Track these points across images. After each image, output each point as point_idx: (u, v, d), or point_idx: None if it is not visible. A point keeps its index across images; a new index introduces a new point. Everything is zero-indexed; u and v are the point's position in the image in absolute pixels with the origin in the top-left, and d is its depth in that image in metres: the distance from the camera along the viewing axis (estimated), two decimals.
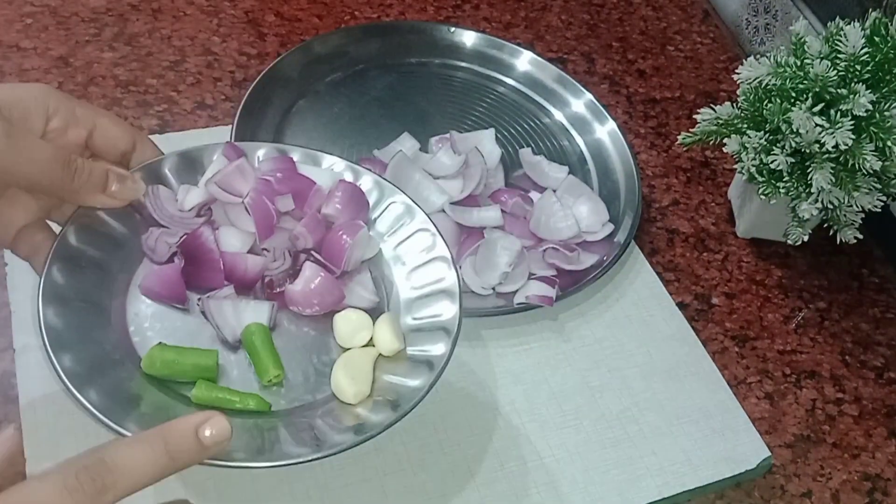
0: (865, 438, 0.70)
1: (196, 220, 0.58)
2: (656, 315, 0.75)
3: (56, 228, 0.55)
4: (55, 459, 0.57)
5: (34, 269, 0.54)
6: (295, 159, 0.61)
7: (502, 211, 0.75)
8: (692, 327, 0.74)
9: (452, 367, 0.67)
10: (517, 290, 0.72)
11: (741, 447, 0.67)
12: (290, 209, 0.59)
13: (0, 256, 0.67)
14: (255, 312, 0.55)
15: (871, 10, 0.72)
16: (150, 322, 0.55)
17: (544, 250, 0.73)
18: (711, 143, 0.75)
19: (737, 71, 0.73)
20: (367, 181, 0.62)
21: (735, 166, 0.74)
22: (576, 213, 0.77)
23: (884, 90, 0.68)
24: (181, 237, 0.57)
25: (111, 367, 0.51)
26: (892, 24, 0.69)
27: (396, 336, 0.56)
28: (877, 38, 0.69)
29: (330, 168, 0.62)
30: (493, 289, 0.72)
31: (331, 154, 0.62)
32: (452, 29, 0.91)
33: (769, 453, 0.67)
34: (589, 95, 0.88)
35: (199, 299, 0.56)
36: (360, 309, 0.58)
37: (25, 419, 0.59)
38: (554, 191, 0.78)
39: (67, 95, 0.54)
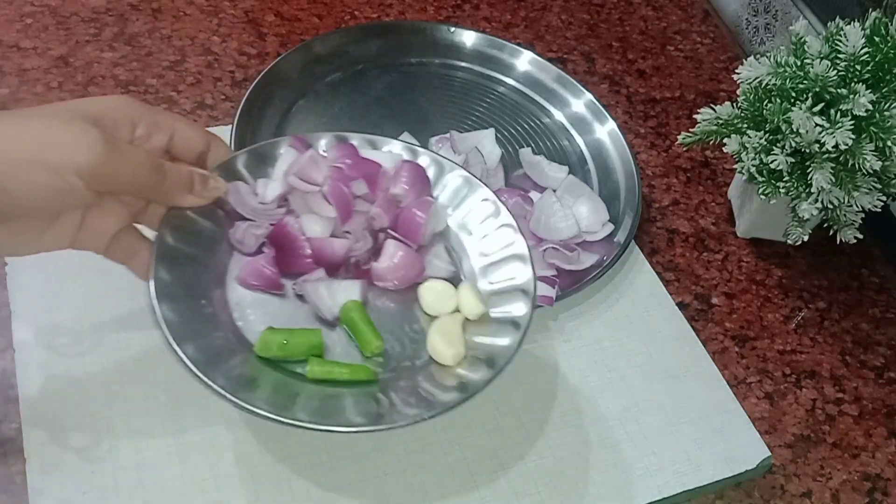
0: (865, 438, 0.70)
1: (278, 210, 0.62)
2: (656, 315, 0.75)
3: (145, 231, 0.58)
4: (55, 459, 0.58)
5: (134, 272, 0.57)
6: (355, 145, 0.65)
7: None
8: (692, 327, 0.75)
9: None
10: None
11: (741, 447, 0.67)
12: (364, 192, 0.63)
13: (0, 256, 0.67)
14: (348, 290, 0.59)
15: (871, 9, 0.72)
16: (251, 309, 0.59)
17: (544, 250, 0.73)
18: (711, 142, 0.75)
19: (737, 71, 0.73)
20: (424, 159, 0.65)
21: (735, 166, 0.74)
22: (576, 212, 0.77)
23: (884, 90, 0.68)
24: (267, 228, 0.61)
25: (227, 354, 0.55)
26: (892, 24, 0.70)
27: (480, 300, 0.60)
28: (877, 38, 0.69)
29: (389, 150, 0.66)
30: None
31: (385, 137, 0.66)
32: (452, 29, 0.91)
33: (769, 453, 0.67)
34: (589, 95, 0.88)
35: (294, 284, 0.60)
36: (440, 279, 0.62)
37: (25, 419, 0.59)
38: (554, 191, 0.78)
39: (146, 104, 0.57)
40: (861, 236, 0.73)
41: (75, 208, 0.54)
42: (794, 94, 0.69)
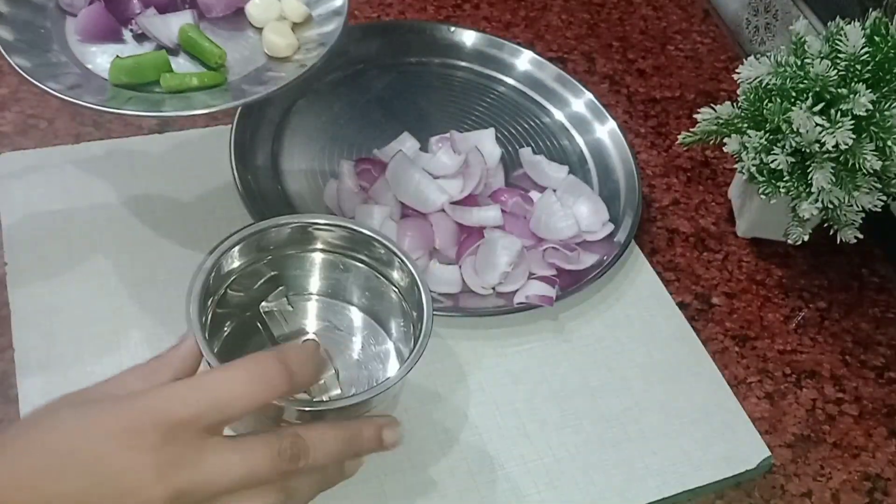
0: (866, 438, 0.70)
1: None
2: (656, 315, 0.75)
3: None
4: None
5: None
6: None
7: (502, 210, 0.75)
8: (692, 327, 0.74)
9: (452, 366, 0.68)
10: (517, 290, 0.72)
11: (741, 447, 0.67)
12: None
13: (0, 256, 0.67)
14: (181, 17, 0.65)
15: (871, 9, 0.72)
16: (97, 58, 0.63)
17: (544, 250, 0.73)
18: (711, 142, 0.75)
19: (737, 70, 0.73)
20: None
21: (735, 166, 0.74)
22: (576, 212, 0.77)
23: (884, 90, 0.68)
24: None
25: (86, 86, 0.60)
26: (892, 24, 0.69)
27: (301, 2, 0.66)
28: (877, 38, 0.69)
29: None
30: (493, 288, 0.72)
31: None
32: (452, 28, 0.91)
33: (769, 453, 0.67)
34: (589, 95, 0.87)
35: (130, 28, 0.65)
36: None
37: None
38: (554, 190, 0.78)
39: None
40: (861, 236, 0.73)
41: None
42: (794, 94, 0.69)
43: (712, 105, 0.75)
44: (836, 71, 0.68)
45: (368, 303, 0.64)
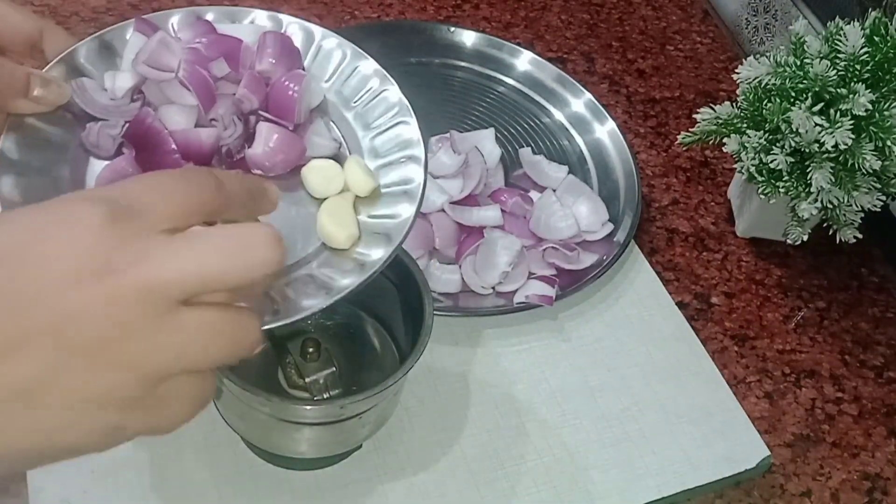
0: (865, 438, 0.70)
1: (132, 105, 0.55)
2: (656, 314, 0.75)
3: None
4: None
5: None
6: (211, 20, 0.58)
7: (502, 210, 0.75)
8: (692, 327, 0.75)
9: (452, 366, 0.68)
10: (517, 290, 0.72)
11: (741, 446, 0.67)
12: (226, 73, 0.57)
13: None
14: None
15: (870, 9, 0.72)
16: None
17: (544, 250, 0.73)
18: (711, 142, 0.76)
19: (736, 70, 0.73)
20: (293, 28, 0.59)
21: (735, 166, 0.74)
22: (575, 212, 0.77)
23: (883, 90, 0.68)
24: (123, 126, 0.54)
25: None
26: (891, 24, 0.70)
27: (369, 174, 0.55)
28: (876, 38, 0.69)
29: (251, 21, 0.59)
30: (493, 288, 0.72)
31: (244, 7, 0.60)
32: (452, 29, 0.91)
33: (769, 453, 0.67)
34: (589, 95, 0.88)
35: None
36: (324, 157, 0.56)
37: None
38: (554, 190, 0.78)
39: None
40: (860, 236, 0.73)
41: None
42: (793, 94, 0.69)
43: (712, 105, 0.75)
44: (835, 71, 0.68)
45: (368, 302, 0.64)
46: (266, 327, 0.47)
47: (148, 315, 0.33)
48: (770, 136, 0.71)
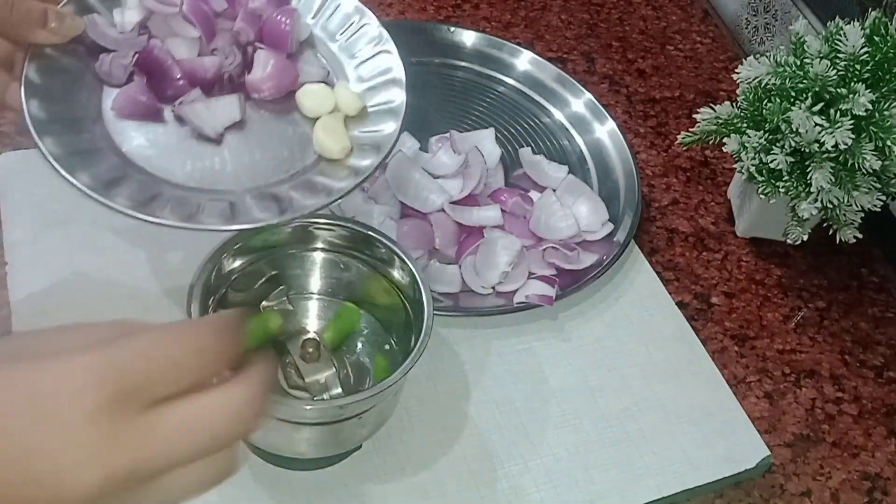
0: (865, 438, 0.70)
1: (140, 38, 0.61)
2: (656, 314, 0.75)
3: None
4: None
5: (9, 104, 0.56)
6: None
7: (502, 210, 0.75)
8: (692, 326, 0.75)
9: (452, 366, 0.68)
10: (517, 290, 0.72)
11: (741, 446, 0.67)
12: (224, 9, 0.63)
13: (0, 256, 0.67)
14: (227, 106, 0.60)
15: (870, 9, 0.72)
16: (134, 136, 0.59)
17: (544, 249, 0.73)
18: (711, 142, 0.76)
19: (736, 70, 0.73)
20: None
21: (735, 166, 0.74)
22: (575, 212, 0.77)
23: (883, 89, 0.68)
24: (133, 56, 0.60)
25: (121, 178, 0.57)
26: (891, 24, 0.70)
27: (357, 96, 0.63)
28: (876, 38, 0.69)
29: None
30: (493, 288, 0.72)
31: None
32: (452, 28, 0.91)
33: (768, 452, 0.67)
34: (588, 95, 0.88)
35: (172, 108, 0.60)
36: (315, 82, 0.64)
37: None
38: (554, 190, 0.78)
39: None
40: (860, 236, 0.73)
41: None
42: (793, 94, 0.69)
43: (712, 105, 0.75)
44: (835, 71, 0.68)
45: (369, 302, 0.64)
46: (275, 222, 0.55)
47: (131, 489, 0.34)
48: (770, 136, 0.71)
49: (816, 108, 0.67)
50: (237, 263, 0.59)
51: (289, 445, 0.57)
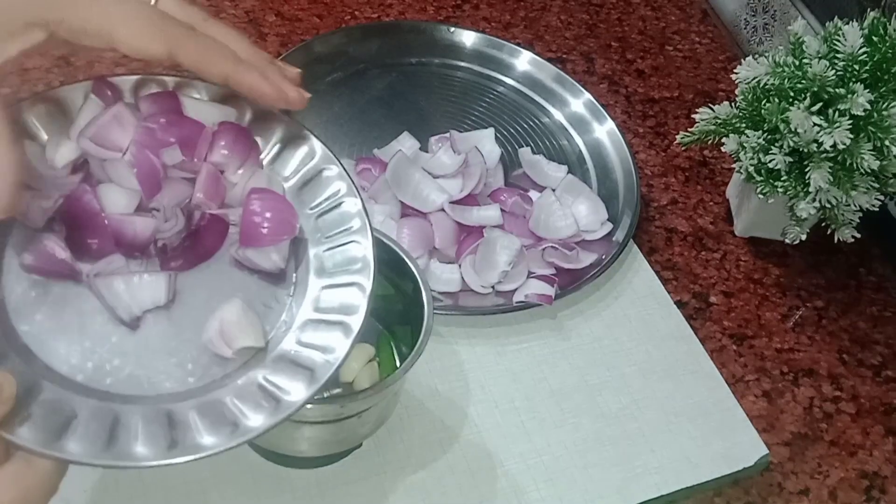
0: (863, 436, 0.71)
1: (71, 179, 0.49)
2: (655, 314, 0.75)
3: None
4: None
5: None
6: (180, 97, 0.51)
7: (502, 210, 0.75)
8: (690, 326, 0.75)
9: (452, 365, 0.68)
10: (516, 289, 0.72)
11: (739, 445, 0.67)
12: (177, 161, 0.50)
13: None
14: (152, 287, 0.48)
15: (869, 9, 0.72)
16: (34, 303, 0.46)
17: (543, 249, 0.74)
18: (710, 142, 0.76)
19: (735, 71, 0.73)
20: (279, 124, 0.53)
21: (733, 165, 0.74)
22: (575, 212, 0.77)
23: (882, 90, 0.69)
24: (56, 200, 0.48)
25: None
26: (890, 24, 0.70)
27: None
28: (875, 38, 0.69)
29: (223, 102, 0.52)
30: (493, 287, 0.72)
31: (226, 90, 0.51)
32: (452, 29, 0.92)
33: (767, 451, 0.67)
34: (588, 95, 0.88)
35: (86, 276, 0.47)
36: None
37: None
38: (553, 190, 0.78)
39: None
40: (859, 235, 0.73)
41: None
42: (792, 94, 0.69)
43: (710, 105, 0.75)
44: (834, 71, 0.68)
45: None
46: (153, 464, 0.42)
47: None
48: (769, 136, 0.71)
49: (815, 108, 0.68)
50: None
51: (289, 444, 0.57)
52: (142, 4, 0.44)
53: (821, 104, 0.68)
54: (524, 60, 0.91)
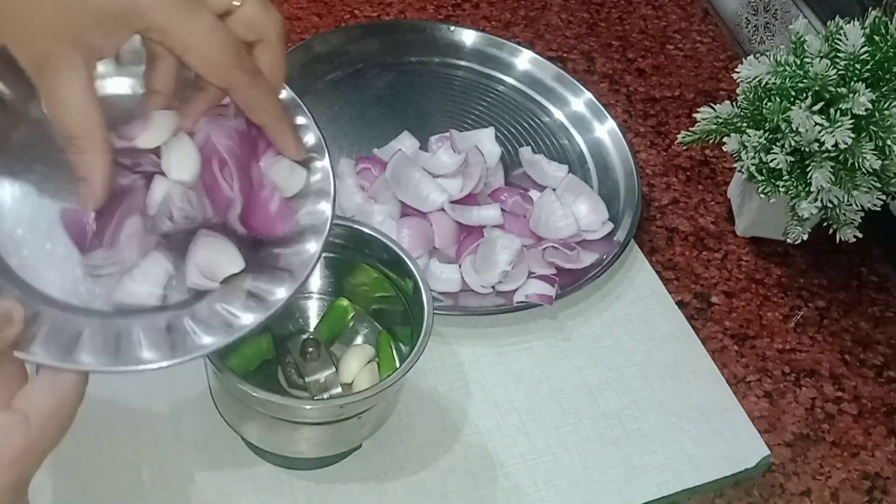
0: (865, 437, 0.71)
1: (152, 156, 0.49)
2: (656, 314, 0.75)
3: None
4: (55, 458, 0.58)
5: None
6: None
7: (502, 210, 0.75)
8: (691, 326, 0.75)
9: (452, 365, 0.68)
10: (517, 289, 0.72)
11: (740, 446, 0.67)
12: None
13: None
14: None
15: (870, 8, 0.72)
16: (20, 240, 0.48)
17: (544, 249, 0.73)
18: (711, 141, 0.76)
19: (736, 70, 0.73)
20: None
21: (735, 165, 0.74)
22: (575, 211, 0.77)
23: (883, 89, 0.68)
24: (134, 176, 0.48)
25: None
26: (891, 23, 0.70)
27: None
28: (876, 37, 0.69)
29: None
30: (493, 287, 0.72)
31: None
32: (452, 28, 0.92)
33: (768, 452, 0.67)
34: (588, 94, 0.88)
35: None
36: None
37: None
38: (554, 189, 0.78)
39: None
40: (860, 235, 0.73)
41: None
42: (793, 93, 0.69)
43: (712, 104, 0.75)
44: (835, 70, 0.68)
45: (369, 301, 0.64)
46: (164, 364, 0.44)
47: None
48: (770, 136, 0.71)
49: (816, 108, 0.67)
50: None
51: (289, 445, 0.57)
52: (222, 32, 0.45)
53: (822, 103, 0.68)
54: (524, 59, 0.90)
